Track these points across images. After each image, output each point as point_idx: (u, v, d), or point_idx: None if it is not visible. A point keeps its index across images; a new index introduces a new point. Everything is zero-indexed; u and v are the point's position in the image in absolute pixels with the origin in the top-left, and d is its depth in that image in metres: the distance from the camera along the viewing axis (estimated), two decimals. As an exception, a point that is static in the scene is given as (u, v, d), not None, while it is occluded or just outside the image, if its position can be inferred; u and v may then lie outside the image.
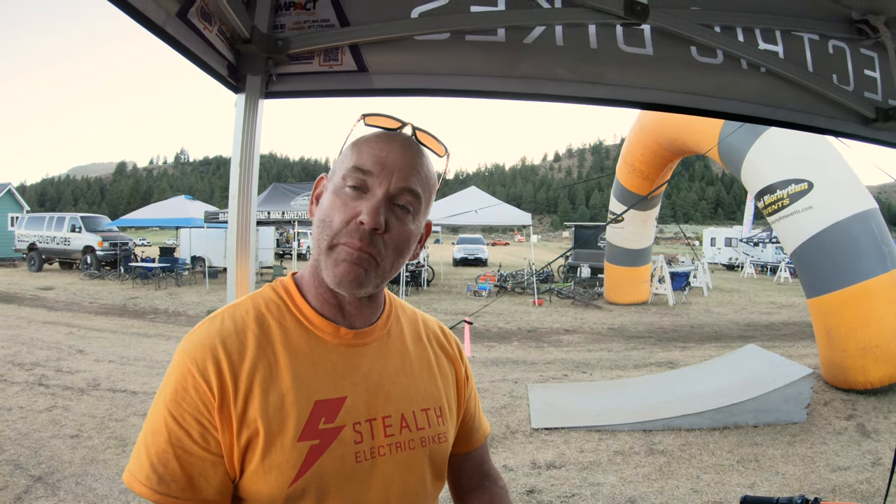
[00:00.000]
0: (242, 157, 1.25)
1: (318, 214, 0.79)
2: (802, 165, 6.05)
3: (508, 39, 1.26)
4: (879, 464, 4.00)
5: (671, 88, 1.31)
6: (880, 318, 5.31)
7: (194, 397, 0.70)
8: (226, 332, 0.74)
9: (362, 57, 1.29)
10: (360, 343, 0.81)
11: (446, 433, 0.86)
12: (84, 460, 3.73)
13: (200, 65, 1.18)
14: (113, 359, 6.77)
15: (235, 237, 1.26)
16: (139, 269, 15.44)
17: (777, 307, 13.84)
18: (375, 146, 0.77)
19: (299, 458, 0.71)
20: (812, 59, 1.38)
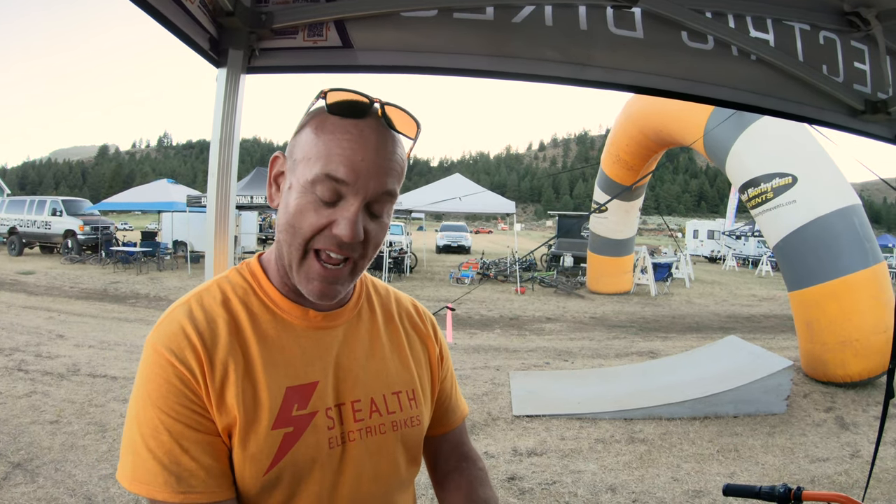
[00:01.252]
0: (223, 133, 1.21)
1: (283, 214, 0.73)
2: (787, 160, 6.09)
3: (497, 18, 1.23)
4: (858, 456, 4.07)
5: (661, 73, 1.30)
6: (860, 313, 5.40)
7: (181, 388, 0.67)
8: (196, 319, 0.71)
9: (347, 33, 1.25)
10: (329, 326, 0.79)
11: (420, 416, 0.85)
12: (63, 446, 3.68)
13: (181, 37, 1.14)
14: (93, 344, 6.66)
15: (214, 216, 1.23)
16: (120, 253, 15.27)
17: (758, 300, 14.04)
18: (347, 147, 0.69)
19: (273, 446, 0.70)
20: (803, 49, 1.38)
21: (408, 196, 15.40)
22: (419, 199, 14.93)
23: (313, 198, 0.70)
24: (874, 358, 5.40)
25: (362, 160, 0.69)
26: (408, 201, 14.72)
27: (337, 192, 0.69)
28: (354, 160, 0.69)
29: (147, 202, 16.87)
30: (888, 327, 5.36)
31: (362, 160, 0.69)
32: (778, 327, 10.08)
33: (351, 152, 0.69)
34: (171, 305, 0.75)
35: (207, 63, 1.24)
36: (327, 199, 0.69)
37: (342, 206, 0.70)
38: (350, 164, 0.68)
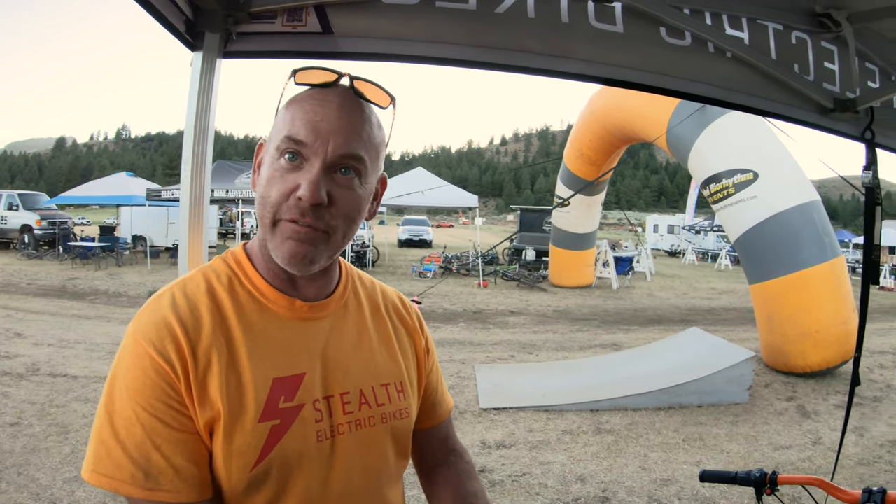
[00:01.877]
0: (198, 119, 1.16)
1: (258, 189, 0.73)
2: (749, 156, 6.24)
3: (479, 8, 1.22)
4: (820, 443, 4.24)
5: (639, 67, 1.32)
6: (819, 305, 5.61)
7: (158, 381, 0.65)
8: (179, 308, 0.69)
9: (328, 18, 1.21)
10: (316, 317, 0.77)
11: (408, 408, 0.84)
12: (25, 449, 3.53)
13: (157, 17, 1.09)
14: (52, 342, 6.40)
15: (189, 206, 1.18)
16: (79, 248, 14.65)
17: (718, 293, 14.46)
18: (309, 109, 0.70)
19: (260, 439, 0.67)
20: (776, 48, 1.42)
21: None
22: None
23: (279, 164, 0.70)
24: (833, 349, 5.63)
25: (321, 120, 0.69)
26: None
27: (298, 153, 0.69)
28: (314, 121, 0.69)
29: (106, 196, 16.30)
30: (846, 319, 5.61)
31: (321, 120, 0.69)
32: (738, 319, 10.38)
33: (312, 114, 0.69)
34: (154, 293, 0.72)
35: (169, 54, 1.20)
36: (291, 161, 0.69)
37: (305, 168, 0.69)
38: (310, 125, 0.68)
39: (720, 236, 29.45)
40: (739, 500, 3.27)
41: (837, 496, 1.26)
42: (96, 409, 0.68)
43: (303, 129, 0.68)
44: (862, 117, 1.50)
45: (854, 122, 1.55)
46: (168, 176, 73.32)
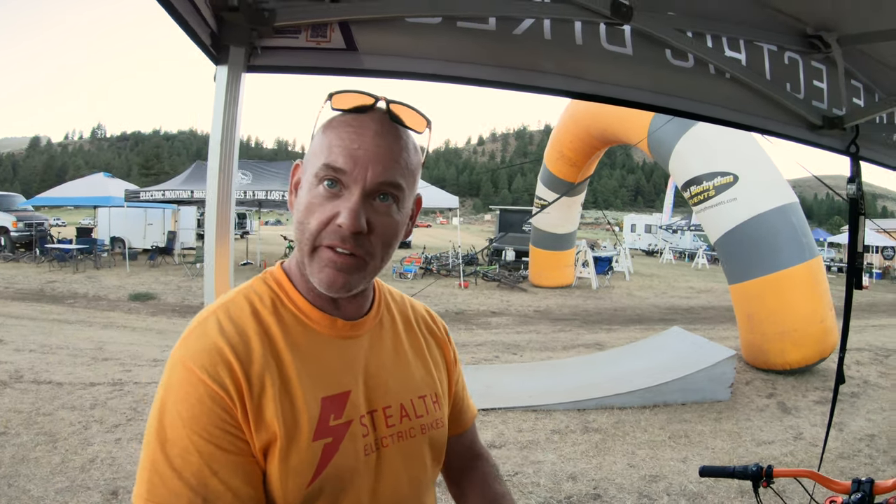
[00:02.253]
0: (224, 133, 1.18)
1: (295, 213, 0.74)
2: (728, 159, 6.38)
3: (499, 29, 1.27)
4: (801, 438, 4.39)
5: (647, 88, 1.38)
6: (798, 305, 5.78)
7: (213, 407, 0.65)
8: (227, 333, 0.69)
9: (352, 35, 1.24)
10: (355, 334, 0.79)
11: (443, 418, 0.87)
12: (14, 459, 3.46)
13: (186, 28, 1.10)
14: (34, 348, 6.27)
15: (216, 218, 1.19)
16: (56, 251, 14.32)
17: (696, 292, 14.73)
18: (346, 137, 0.70)
19: (315, 457, 0.69)
20: (770, 68, 1.50)
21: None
22: None
23: (318, 191, 0.71)
24: (811, 346, 5.81)
25: (359, 148, 0.69)
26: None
27: (338, 181, 0.70)
28: (352, 149, 0.69)
29: (84, 197, 15.90)
30: (824, 318, 5.80)
31: (359, 148, 0.69)
32: (717, 318, 10.60)
33: (350, 142, 0.70)
34: (195, 318, 0.72)
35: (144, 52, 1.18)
36: (330, 190, 0.70)
37: (344, 196, 0.70)
38: (348, 153, 0.69)
39: (697, 235, 29.98)
40: (727, 494, 3.38)
41: (829, 487, 1.35)
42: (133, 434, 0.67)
43: (341, 157, 0.69)
44: (847, 133, 1.60)
45: (840, 138, 1.65)
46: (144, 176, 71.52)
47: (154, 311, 9.56)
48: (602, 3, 1.25)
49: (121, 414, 4.33)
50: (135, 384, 5.16)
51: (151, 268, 14.75)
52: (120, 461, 3.49)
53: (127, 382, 5.19)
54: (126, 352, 6.48)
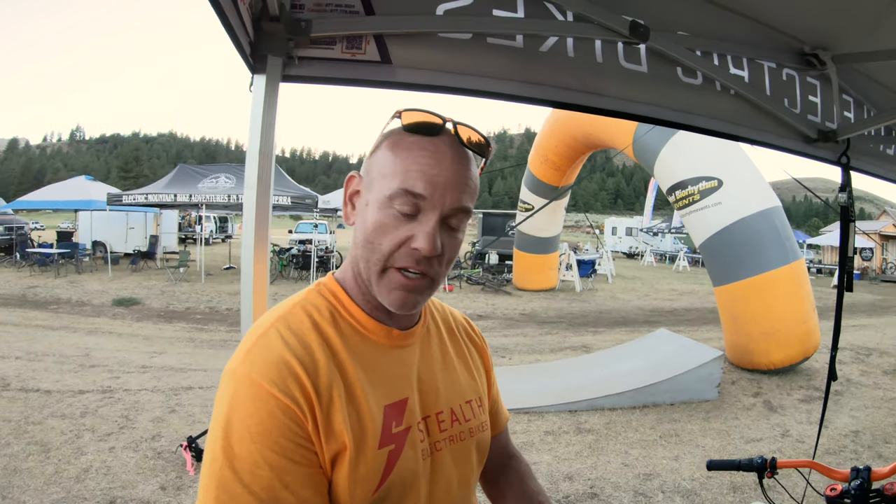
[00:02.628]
0: (262, 143, 1.21)
1: (361, 230, 0.74)
2: (713, 164, 6.51)
3: (526, 46, 1.33)
4: (788, 435, 4.54)
5: (661, 104, 1.46)
6: (782, 306, 5.92)
7: (284, 420, 0.65)
8: (292, 346, 0.69)
9: (387, 48, 1.28)
10: (408, 343, 0.82)
11: (486, 421, 0.91)
12: (6, 470, 3.41)
13: (232, 37, 1.11)
14: (19, 355, 6.16)
15: (254, 229, 1.23)
16: (37, 255, 14.02)
17: (678, 294, 15.02)
18: (423, 162, 0.71)
19: (381, 465, 0.71)
20: (770, 84, 1.60)
21: (335, 194, 15.23)
22: None
23: (391, 213, 0.71)
24: (795, 346, 5.97)
25: (438, 174, 0.71)
26: (335, 199, 14.55)
27: (415, 205, 0.71)
28: (431, 174, 0.70)
29: (65, 200, 15.56)
30: (807, 318, 5.96)
31: (438, 174, 0.71)
32: (700, 319, 10.80)
33: (428, 167, 0.71)
34: (252, 332, 0.73)
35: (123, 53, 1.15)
36: (406, 212, 0.71)
37: (420, 219, 0.71)
38: (427, 179, 0.70)
39: (677, 238, 30.52)
40: (719, 490, 3.49)
41: (829, 475, 1.44)
42: (202, 455, 0.67)
43: (420, 183, 0.70)
44: (839, 145, 1.71)
45: (832, 149, 1.76)
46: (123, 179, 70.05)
47: (139, 316, 9.42)
48: (621, 23, 1.33)
49: (112, 422, 4.28)
50: (125, 391, 5.09)
51: (134, 272, 14.52)
52: (115, 470, 3.45)
53: (116, 390, 5.12)
54: (113, 358, 6.39)
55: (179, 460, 3.63)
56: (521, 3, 1.31)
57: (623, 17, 1.35)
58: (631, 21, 1.32)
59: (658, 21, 1.39)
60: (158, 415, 4.49)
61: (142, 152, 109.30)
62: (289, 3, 1.24)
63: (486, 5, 1.30)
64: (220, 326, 8.88)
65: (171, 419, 4.41)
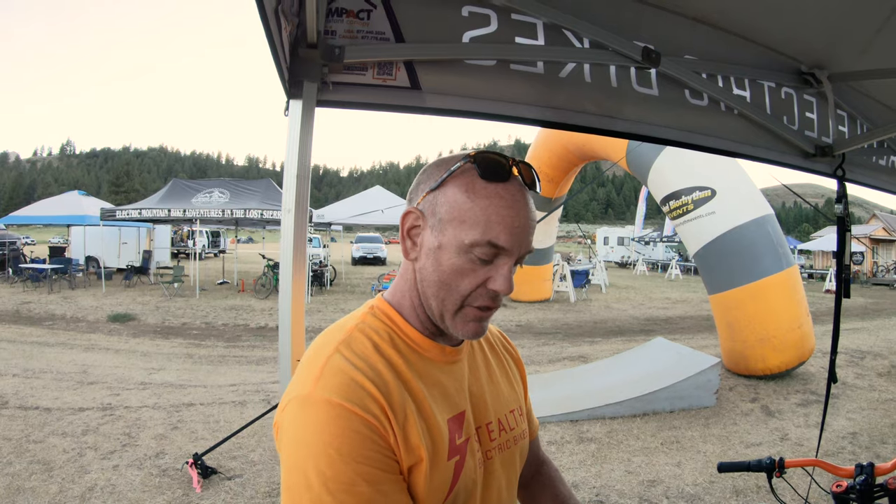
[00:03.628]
0: (300, 167, 1.26)
1: (434, 271, 0.77)
2: (706, 174, 6.64)
3: (546, 72, 1.40)
4: (787, 439, 4.61)
5: (671, 125, 1.55)
6: (777, 312, 6.01)
7: (370, 435, 0.68)
8: (361, 368, 0.72)
9: (416, 74, 1.34)
10: (458, 359, 0.86)
11: (527, 429, 0.97)
12: (9, 490, 3.38)
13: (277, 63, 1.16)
14: (17, 372, 6.10)
15: (292, 251, 1.26)
16: (30, 270, 13.86)
17: (672, 302, 15.07)
18: (505, 213, 0.74)
19: (449, 475, 0.75)
20: (770, 103, 1.70)
21: (329, 209, 15.29)
22: (340, 211, 14.91)
23: (470, 258, 0.75)
24: (790, 352, 6.05)
25: (518, 226, 0.75)
26: (330, 214, 14.60)
27: (495, 254, 0.75)
28: (513, 227, 0.75)
29: (58, 215, 15.42)
30: (802, 324, 6.06)
31: (518, 226, 0.75)
32: (695, 327, 10.86)
33: (510, 219, 0.75)
34: (314, 358, 0.75)
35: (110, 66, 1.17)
36: (486, 258, 0.75)
37: (498, 263, 0.76)
38: (510, 231, 0.74)
39: (669, 247, 30.79)
40: (722, 494, 3.55)
41: (835, 473, 1.51)
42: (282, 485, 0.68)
43: (503, 235, 0.74)
44: (836, 159, 1.81)
45: (828, 163, 1.85)
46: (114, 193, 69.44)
47: (135, 332, 9.34)
48: (634, 49, 1.42)
49: (115, 440, 4.25)
50: (125, 408, 5.06)
51: (127, 287, 14.39)
52: (120, 489, 3.43)
53: (117, 407, 5.09)
54: (112, 375, 6.34)
55: (185, 478, 3.62)
56: (541, 31, 1.39)
57: (635, 42, 1.44)
58: (643, 47, 1.41)
59: (667, 46, 1.48)
60: (161, 432, 4.47)
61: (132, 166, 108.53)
62: (323, 31, 1.29)
63: (509, 33, 1.37)
64: (217, 342, 8.83)
65: (173, 436, 4.39)
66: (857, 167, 1.96)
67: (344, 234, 25.61)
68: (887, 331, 9.97)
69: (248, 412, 4.97)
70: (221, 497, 3.41)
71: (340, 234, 24.75)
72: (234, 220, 13.96)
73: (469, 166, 0.77)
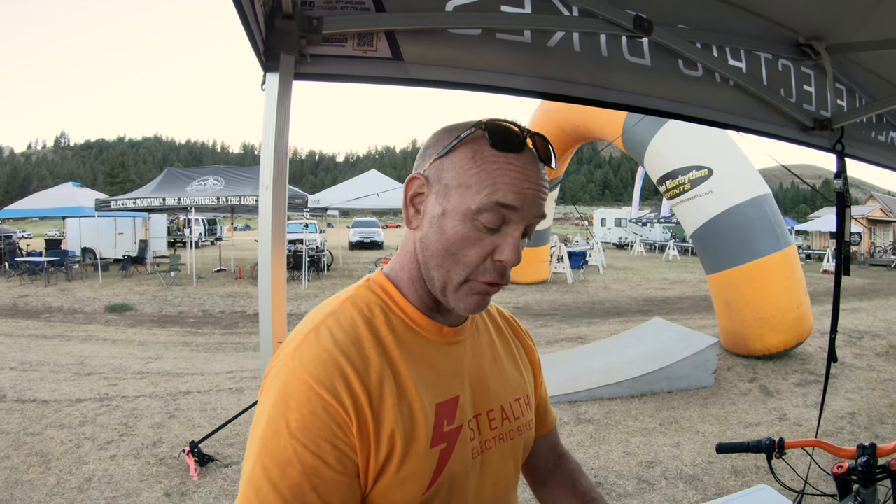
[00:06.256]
0: (277, 141, 1.21)
1: (438, 240, 0.72)
2: (703, 153, 6.53)
3: (534, 41, 1.35)
4: (785, 419, 4.62)
5: (663, 96, 1.50)
6: (775, 292, 5.97)
7: (327, 420, 0.64)
8: (342, 344, 0.68)
9: (398, 45, 1.28)
10: (459, 340, 0.80)
11: (533, 419, 0.90)
12: (7, 483, 3.36)
13: (249, 34, 1.11)
14: (14, 365, 6.07)
15: (270, 231, 1.23)
16: (27, 264, 13.87)
17: (670, 283, 15.08)
18: (515, 175, 0.70)
19: (432, 464, 0.70)
20: (766, 75, 1.65)
21: (325, 193, 15.17)
22: (336, 196, 14.78)
23: (476, 225, 0.70)
24: (789, 332, 6.03)
25: (528, 188, 0.70)
26: (325, 199, 14.50)
27: (503, 218, 0.70)
28: (522, 188, 0.70)
29: (53, 208, 15.37)
30: (800, 303, 6.03)
31: (528, 188, 0.70)
32: (693, 308, 10.89)
33: (518, 181, 0.70)
34: (301, 328, 0.72)
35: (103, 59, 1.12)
36: (492, 225, 0.70)
37: (505, 231, 0.71)
38: (518, 191, 0.69)
39: (666, 227, 30.80)
40: (721, 475, 3.56)
41: (836, 453, 1.48)
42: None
43: (512, 194, 0.69)
44: (835, 132, 1.76)
45: (827, 137, 1.81)
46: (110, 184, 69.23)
47: (132, 322, 9.34)
48: (626, 17, 1.36)
49: (112, 430, 4.24)
50: (122, 398, 5.05)
51: (124, 278, 14.37)
52: (118, 479, 3.43)
53: (114, 397, 5.08)
54: (109, 365, 6.33)
55: (182, 466, 3.62)
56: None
57: (627, 11, 1.38)
58: (635, 15, 1.36)
59: (660, 15, 1.42)
60: (158, 421, 4.46)
61: (127, 157, 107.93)
62: (300, 1, 1.24)
63: (494, 1, 1.31)
64: (214, 330, 8.82)
65: (171, 424, 4.38)
66: (857, 142, 1.91)
67: (341, 218, 25.53)
68: (885, 311, 9.97)
69: (244, 399, 4.97)
70: (219, 484, 3.41)
71: (337, 220, 24.66)
72: (229, 207, 13.89)
73: (480, 133, 0.72)
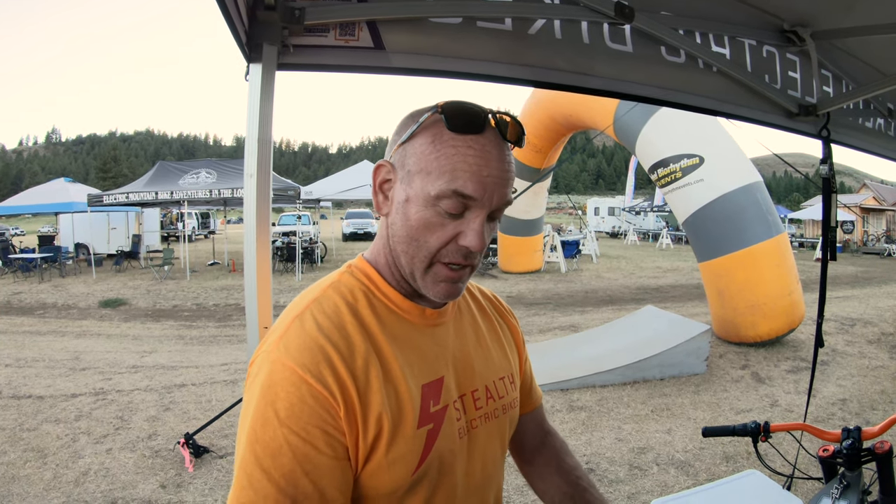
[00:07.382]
0: (261, 131, 1.22)
1: (403, 226, 0.72)
2: (694, 141, 6.52)
3: (515, 29, 1.35)
4: (777, 405, 4.66)
5: (646, 83, 1.50)
6: (766, 279, 6.00)
7: (315, 407, 0.64)
8: (326, 330, 0.69)
9: (380, 34, 1.29)
10: (442, 322, 0.81)
11: (518, 398, 0.91)
12: (4, 478, 3.38)
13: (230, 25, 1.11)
14: (9, 362, 6.06)
15: (255, 219, 1.23)
16: (20, 261, 13.76)
17: (663, 271, 15.11)
18: (472, 161, 0.68)
19: (420, 445, 0.71)
20: (751, 61, 1.65)
21: (317, 185, 15.10)
22: (328, 187, 14.73)
23: (437, 211, 0.70)
24: (780, 319, 6.07)
25: (488, 175, 0.69)
26: (318, 190, 14.43)
27: (463, 205, 0.69)
28: (481, 175, 0.68)
29: (46, 204, 15.21)
30: (791, 291, 6.06)
31: (488, 175, 0.69)
32: (686, 296, 10.92)
33: (477, 168, 0.68)
34: (285, 316, 0.73)
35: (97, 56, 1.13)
36: (454, 211, 0.69)
37: (468, 217, 0.70)
38: (477, 180, 0.68)
39: (659, 216, 30.87)
40: (712, 461, 3.60)
41: (821, 437, 1.50)
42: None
43: (470, 185, 0.68)
44: (820, 119, 1.77)
45: (813, 123, 1.81)
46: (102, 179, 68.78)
47: (126, 316, 9.32)
48: (607, 4, 1.36)
49: (108, 424, 4.26)
50: (117, 392, 5.06)
51: (118, 273, 14.30)
52: (114, 472, 3.44)
53: (109, 391, 5.08)
54: (104, 360, 6.33)
55: (178, 458, 3.63)
56: (509, -14, 1.33)
57: (608, -2, 1.38)
58: (616, 2, 1.35)
59: (642, 1, 1.42)
60: (153, 414, 4.48)
61: (119, 151, 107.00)
62: None
63: (475, -11, 1.31)
64: (208, 323, 8.82)
65: (166, 417, 4.40)
66: (843, 128, 1.92)
67: (334, 210, 25.41)
68: (877, 299, 10.04)
69: (239, 390, 4.98)
70: (213, 475, 3.43)
71: (330, 211, 24.54)
72: (222, 199, 13.81)
73: (437, 117, 0.71)
